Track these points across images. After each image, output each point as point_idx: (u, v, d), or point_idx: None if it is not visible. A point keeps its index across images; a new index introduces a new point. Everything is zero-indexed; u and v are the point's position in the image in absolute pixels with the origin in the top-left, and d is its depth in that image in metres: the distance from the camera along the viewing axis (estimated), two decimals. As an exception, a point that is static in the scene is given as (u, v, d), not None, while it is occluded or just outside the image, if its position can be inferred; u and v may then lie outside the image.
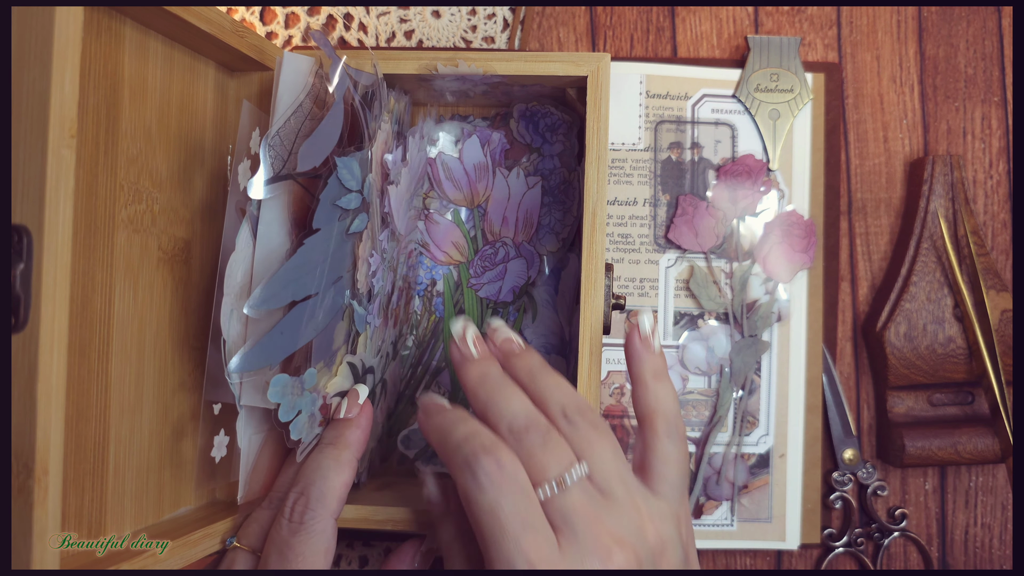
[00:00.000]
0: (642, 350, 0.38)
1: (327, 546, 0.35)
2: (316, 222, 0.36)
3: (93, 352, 0.34)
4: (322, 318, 0.37)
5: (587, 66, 0.41)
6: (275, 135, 0.36)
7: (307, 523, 0.35)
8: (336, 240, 0.37)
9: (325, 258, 0.36)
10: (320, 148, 0.37)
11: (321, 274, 0.36)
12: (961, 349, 0.50)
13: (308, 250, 0.35)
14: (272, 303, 0.35)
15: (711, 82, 0.51)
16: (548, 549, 0.32)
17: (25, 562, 0.25)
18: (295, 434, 0.36)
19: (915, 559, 0.52)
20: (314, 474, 0.36)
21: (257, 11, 0.52)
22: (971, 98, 0.53)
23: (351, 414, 0.39)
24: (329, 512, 0.36)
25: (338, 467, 0.37)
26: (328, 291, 0.37)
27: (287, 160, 0.37)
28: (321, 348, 0.37)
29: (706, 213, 0.50)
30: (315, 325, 0.37)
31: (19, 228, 0.25)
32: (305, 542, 0.35)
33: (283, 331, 0.35)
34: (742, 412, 0.50)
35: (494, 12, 0.53)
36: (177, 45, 0.39)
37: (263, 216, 0.37)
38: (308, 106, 0.38)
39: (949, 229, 0.51)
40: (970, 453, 0.49)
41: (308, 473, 0.37)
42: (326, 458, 0.37)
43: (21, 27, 0.25)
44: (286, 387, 0.35)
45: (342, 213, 0.37)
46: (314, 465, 0.37)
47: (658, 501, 0.35)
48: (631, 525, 0.33)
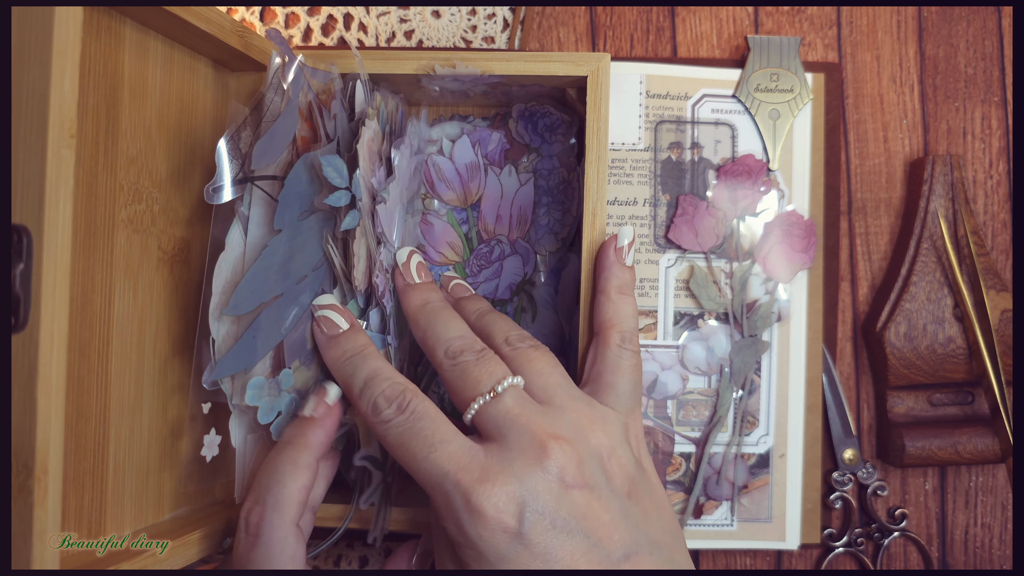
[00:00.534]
0: (614, 262, 0.37)
1: (291, 554, 0.33)
2: (277, 223, 0.36)
3: (93, 352, 0.34)
4: (291, 318, 0.37)
5: (587, 66, 0.41)
6: (233, 135, 0.36)
7: (263, 534, 0.33)
8: (300, 240, 0.37)
9: (289, 258, 0.37)
10: (273, 147, 0.37)
11: (286, 274, 0.36)
12: (961, 349, 0.50)
13: (271, 252, 0.36)
14: (243, 308, 0.35)
15: (711, 82, 0.51)
16: (467, 456, 0.31)
17: (25, 562, 0.25)
18: (276, 435, 0.36)
19: (915, 559, 0.52)
20: (269, 479, 0.34)
21: (257, 11, 0.52)
22: (971, 98, 0.53)
23: (316, 413, 0.36)
24: (288, 520, 0.33)
25: (295, 471, 0.34)
26: (293, 290, 0.37)
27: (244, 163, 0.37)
28: (294, 347, 0.37)
29: (706, 213, 0.50)
30: (284, 325, 0.37)
31: (19, 228, 0.25)
32: (264, 555, 0.33)
33: (254, 334, 0.35)
34: (742, 412, 0.50)
35: (494, 12, 0.53)
36: (177, 45, 0.39)
37: (253, 216, 0.37)
38: (278, 103, 0.38)
39: (949, 229, 0.51)
40: (970, 453, 0.49)
41: (263, 478, 0.34)
42: (283, 461, 0.34)
43: (21, 27, 0.25)
44: (262, 389, 0.35)
45: (302, 212, 0.37)
46: (270, 469, 0.34)
47: (604, 408, 0.34)
48: (571, 425, 0.32)
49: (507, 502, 0.30)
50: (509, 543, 0.30)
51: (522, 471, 0.31)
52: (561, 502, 0.31)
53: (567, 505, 0.31)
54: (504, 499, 0.30)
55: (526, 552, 0.30)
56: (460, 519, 0.31)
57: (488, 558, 0.30)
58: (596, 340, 0.37)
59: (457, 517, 0.31)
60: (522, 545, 0.30)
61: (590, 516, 0.31)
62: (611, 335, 0.36)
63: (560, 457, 0.31)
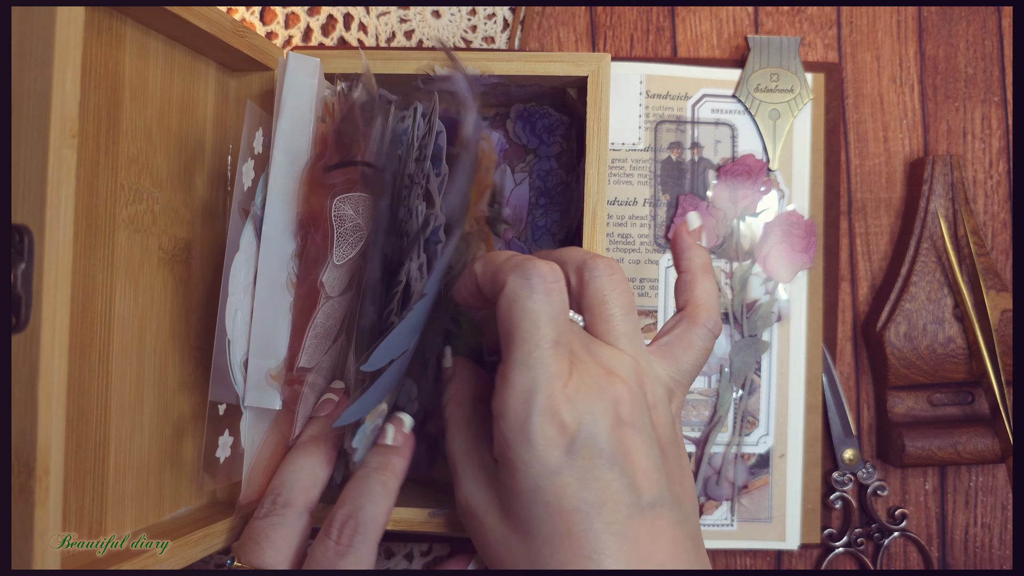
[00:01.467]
0: (692, 243, 0.39)
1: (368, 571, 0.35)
2: (427, 287, 0.37)
3: (94, 352, 0.34)
4: (403, 369, 0.38)
5: (587, 66, 0.41)
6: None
7: (355, 546, 0.35)
8: (433, 304, 0.38)
9: (421, 320, 0.37)
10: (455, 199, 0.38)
11: (415, 333, 0.37)
12: (961, 349, 0.50)
13: (415, 314, 0.36)
14: (377, 364, 0.35)
15: (711, 82, 0.51)
16: (566, 369, 0.32)
17: (26, 562, 0.25)
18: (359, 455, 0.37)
19: (915, 559, 0.52)
20: (363, 498, 0.36)
21: (257, 11, 0.52)
22: (971, 98, 0.53)
23: (397, 442, 0.38)
24: (375, 538, 0.35)
25: (385, 493, 0.36)
26: (412, 344, 0.38)
27: None
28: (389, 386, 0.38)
29: (706, 213, 0.50)
30: (399, 375, 0.37)
31: (20, 228, 0.25)
32: (352, 565, 0.34)
33: (380, 387, 0.36)
34: (742, 412, 0.50)
35: (494, 12, 0.53)
36: (178, 45, 0.39)
37: (267, 216, 0.37)
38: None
39: (949, 229, 0.51)
40: (970, 453, 0.49)
41: (357, 497, 0.36)
42: (375, 483, 0.36)
43: (22, 27, 0.25)
44: (367, 436, 0.37)
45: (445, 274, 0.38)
46: (363, 488, 0.36)
47: (660, 370, 0.36)
48: (629, 369, 0.34)
49: (571, 413, 0.31)
50: (559, 458, 0.31)
51: (586, 391, 0.32)
52: (612, 432, 0.32)
53: (617, 438, 0.32)
54: (568, 410, 0.31)
55: (569, 473, 0.31)
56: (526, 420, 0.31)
57: (531, 471, 0.31)
58: (685, 315, 0.38)
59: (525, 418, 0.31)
60: (569, 462, 0.31)
61: (633, 457, 0.32)
62: (700, 315, 0.37)
63: (620, 390, 0.32)
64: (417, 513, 0.40)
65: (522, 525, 0.32)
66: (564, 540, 0.31)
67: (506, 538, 0.33)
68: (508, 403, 0.32)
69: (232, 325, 0.36)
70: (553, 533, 0.31)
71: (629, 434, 0.32)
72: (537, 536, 0.32)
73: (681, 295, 0.38)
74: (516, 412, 0.31)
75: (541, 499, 0.31)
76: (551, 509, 0.31)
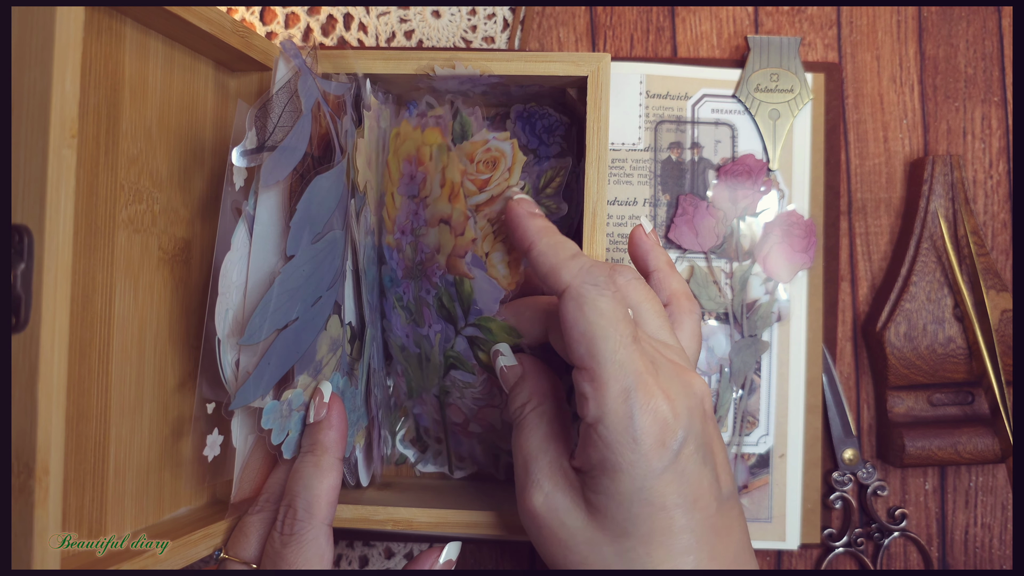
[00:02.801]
0: (653, 244, 0.40)
1: (320, 552, 0.36)
2: (290, 249, 0.36)
3: (94, 352, 0.34)
4: (304, 339, 0.37)
5: (587, 66, 0.41)
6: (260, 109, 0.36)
7: (297, 534, 0.36)
8: (313, 263, 0.37)
9: (303, 282, 0.37)
10: (284, 163, 0.37)
11: (300, 299, 0.37)
12: (961, 349, 0.50)
13: (285, 279, 0.36)
14: (257, 337, 0.35)
15: (711, 82, 0.51)
16: (651, 365, 0.32)
17: (25, 562, 0.25)
18: (287, 454, 0.38)
19: (915, 559, 0.52)
20: (297, 485, 0.37)
21: (257, 11, 0.52)
22: (971, 98, 0.53)
23: (320, 415, 0.38)
24: (318, 520, 0.36)
25: (319, 474, 0.37)
26: (308, 313, 0.37)
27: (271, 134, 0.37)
28: (304, 362, 0.38)
29: (706, 213, 0.50)
30: (299, 347, 0.37)
31: (20, 228, 0.25)
32: (297, 552, 0.35)
33: (270, 360, 0.36)
34: (742, 412, 0.50)
35: (494, 12, 0.53)
36: (177, 45, 0.39)
37: (259, 216, 0.37)
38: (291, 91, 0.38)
39: (949, 229, 0.51)
40: (970, 453, 0.49)
41: (292, 485, 0.37)
42: (306, 466, 0.37)
43: (22, 27, 0.25)
44: (276, 412, 0.36)
45: (316, 235, 0.37)
46: (296, 476, 0.37)
47: None
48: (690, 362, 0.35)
49: (671, 411, 0.31)
50: (664, 456, 0.31)
51: (675, 387, 0.32)
52: (704, 427, 0.32)
53: (707, 433, 0.32)
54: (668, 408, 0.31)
55: (672, 471, 0.31)
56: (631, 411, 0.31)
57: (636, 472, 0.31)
58: (672, 309, 0.39)
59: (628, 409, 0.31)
60: (672, 460, 0.31)
61: (715, 450, 0.33)
62: (685, 303, 0.39)
63: (700, 384, 0.33)
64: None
65: (616, 527, 0.32)
66: (661, 538, 0.31)
67: (593, 540, 0.32)
68: (607, 404, 0.31)
69: (222, 325, 0.36)
70: (651, 532, 0.31)
71: (711, 427, 0.33)
72: (632, 537, 0.31)
73: (660, 293, 0.39)
74: (616, 413, 0.31)
75: (644, 499, 0.31)
76: (653, 508, 0.31)
